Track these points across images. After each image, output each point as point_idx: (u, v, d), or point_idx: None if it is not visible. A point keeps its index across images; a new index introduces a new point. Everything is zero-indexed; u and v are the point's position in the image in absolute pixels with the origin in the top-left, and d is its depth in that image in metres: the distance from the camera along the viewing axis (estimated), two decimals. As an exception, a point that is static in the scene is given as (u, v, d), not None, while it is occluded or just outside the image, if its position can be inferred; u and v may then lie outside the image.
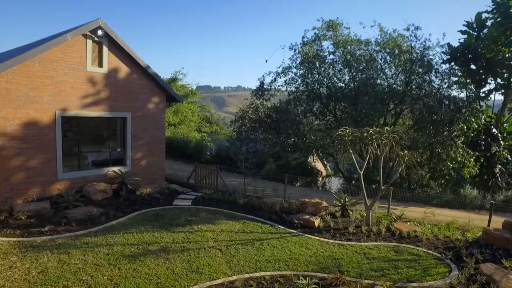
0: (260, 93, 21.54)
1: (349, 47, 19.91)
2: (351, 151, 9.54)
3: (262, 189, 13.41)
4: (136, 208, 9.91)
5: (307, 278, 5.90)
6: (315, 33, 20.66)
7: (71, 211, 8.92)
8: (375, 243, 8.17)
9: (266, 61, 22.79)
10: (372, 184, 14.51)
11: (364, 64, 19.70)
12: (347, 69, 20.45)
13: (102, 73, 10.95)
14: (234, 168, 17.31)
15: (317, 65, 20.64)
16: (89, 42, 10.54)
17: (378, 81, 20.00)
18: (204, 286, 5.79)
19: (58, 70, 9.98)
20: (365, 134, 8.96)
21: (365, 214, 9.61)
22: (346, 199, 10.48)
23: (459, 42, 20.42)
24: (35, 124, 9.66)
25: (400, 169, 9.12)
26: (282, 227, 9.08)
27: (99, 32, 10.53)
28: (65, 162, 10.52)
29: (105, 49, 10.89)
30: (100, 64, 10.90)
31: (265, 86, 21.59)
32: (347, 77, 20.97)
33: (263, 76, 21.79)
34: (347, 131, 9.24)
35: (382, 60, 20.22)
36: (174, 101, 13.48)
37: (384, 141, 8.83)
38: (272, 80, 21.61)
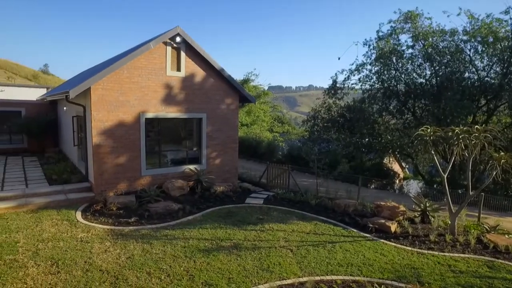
0: (332, 92, 21.02)
1: (430, 39, 18.29)
2: (432, 152, 8.72)
3: (334, 190, 13.05)
4: (210, 205, 10.37)
5: (382, 286, 5.58)
6: (391, 27, 19.49)
7: (152, 205, 9.68)
8: (462, 255, 7.36)
9: (339, 58, 22.17)
10: (458, 189, 13.17)
11: (448, 56, 17.96)
12: (428, 63, 18.87)
13: (180, 77, 11.68)
14: (306, 168, 17.16)
15: (394, 61, 19.41)
16: (169, 48, 11.33)
17: (466, 74, 18.03)
18: (274, 285, 5.82)
19: (143, 76, 10.92)
20: (450, 134, 8.12)
21: (449, 222, 8.73)
22: (427, 204, 9.66)
23: None
24: (123, 125, 10.71)
25: (494, 173, 8.07)
26: (355, 230, 8.72)
27: (178, 39, 11.26)
28: (148, 160, 11.47)
29: (182, 54, 11.61)
30: (178, 69, 11.64)
31: (337, 85, 21.00)
32: (428, 72, 19.36)
33: (335, 74, 21.26)
34: (428, 130, 8.49)
35: (472, 50, 18.12)
36: (247, 101, 13.81)
37: (473, 142, 7.90)
38: (345, 78, 20.95)
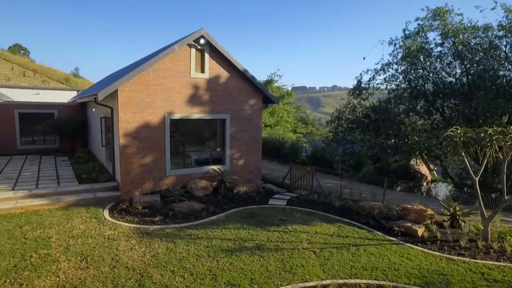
0: (357, 92, 20.64)
1: (461, 35, 17.55)
2: (463, 154, 8.37)
3: (359, 192, 12.82)
4: (233, 206, 10.43)
5: (409, 291, 5.41)
6: (418, 24, 18.88)
7: (176, 204, 9.84)
8: (496, 263, 7.01)
9: (364, 58, 21.71)
10: (491, 193, 12.60)
11: (481, 53, 17.18)
12: (458, 62, 18.15)
13: (204, 78, 11.82)
14: (330, 170, 16.94)
15: (422, 59, 18.80)
16: (193, 50, 11.49)
17: (501, 72, 17.16)
18: (296, 287, 5.78)
19: (168, 78, 11.13)
20: (482, 135, 7.77)
21: (481, 227, 8.36)
22: (457, 208, 9.29)
23: None
24: (148, 127, 10.95)
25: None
26: (380, 233, 8.51)
27: (202, 41, 11.40)
28: (172, 160, 11.67)
29: (206, 56, 11.75)
30: (202, 70, 11.79)
31: (362, 85, 20.60)
32: (458, 71, 18.61)
33: (360, 74, 20.85)
34: (458, 131, 8.17)
35: (508, 46, 17.17)
36: (270, 102, 13.80)
37: (508, 143, 7.54)
38: (370, 78, 20.50)
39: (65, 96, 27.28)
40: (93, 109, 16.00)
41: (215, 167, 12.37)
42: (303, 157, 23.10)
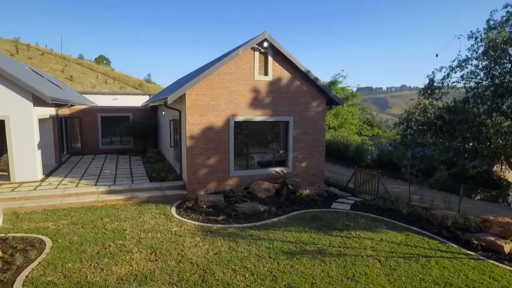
0: (429, 91, 19.16)
1: None
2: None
3: (429, 199, 11.87)
4: (295, 208, 10.33)
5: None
6: (507, 12, 16.80)
7: (239, 205, 10.03)
8: None
9: (437, 55, 20.08)
10: None
11: None
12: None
13: (267, 81, 11.93)
14: (397, 174, 15.97)
15: (510, 52, 16.76)
16: (257, 53, 11.66)
17: None
18: (360, 296, 5.52)
19: (232, 81, 11.43)
20: None
21: None
22: (552, 221, 8.11)
23: None
24: (213, 128, 11.35)
25: None
26: (455, 246, 7.76)
27: (265, 44, 11.52)
28: (236, 161, 11.94)
29: (270, 58, 11.84)
30: (266, 73, 11.90)
31: (435, 84, 19.07)
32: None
33: (432, 72, 19.31)
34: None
35: None
36: (334, 104, 13.45)
37: None
38: (444, 76, 18.87)
39: (139, 100, 29.57)
40: (163, 112, 17.06)
41: (277, 169, 12.39)
42: (368, 161, 22.14)
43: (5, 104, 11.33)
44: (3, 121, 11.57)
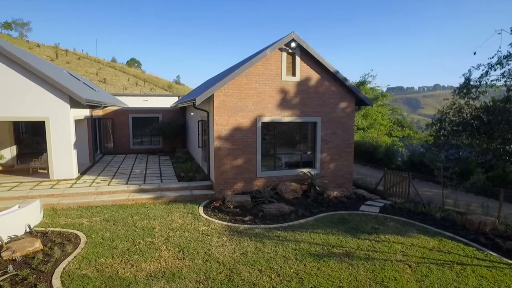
0: (464, 91, 18.33)
1: None
2: None
3: (465, 203, 11.38)
4: (323, 210, 10.21)
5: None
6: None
7: (266, 206, 10.04)
8: None
9: (475, 53, 19.19)
10: None
11: None
12: None
13: (295, 81, 11.86)
14: (429, 177, 15.40)
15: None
16: (284, 54, 11.63)
17: None
18: (389, 302, 5.37)
19: (260, 82, 11.47)
20: None
21: None
22: None
23: None
24: (241, 129, 11.42)
25: None
26: (494, 254, 7.37)
27: (293, 44, 11.46)
28: (263, 162, 11.96)
29: (297, 59, 11.77)
30: (293, 73, 11.84)
31: (471, 83, 18.24)
32: None
33: (469, 71, 18.46)
34: None
35: None
36: (363, 104, 13.18)
37: None
38: (482, 74, 17.99)
39: (168, 102, 30.26)
40: (192, 113, 17.37)
41: (305, 170, 12.30)
42: (398, 163, 21.49)
43: (45, 106, 11.94)
44: (43, 122, 12.21)
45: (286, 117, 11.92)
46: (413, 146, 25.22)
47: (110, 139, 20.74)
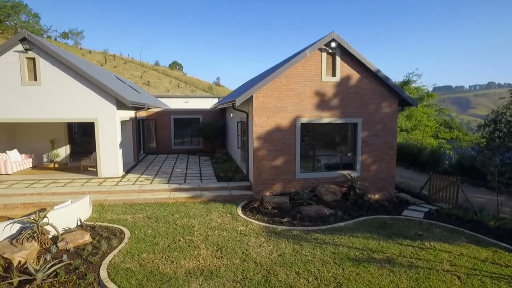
0: (524, 89, 17.00)
1: None
2: None
3: (523, 212, 10.51)
4: (363, 213, 9.91)
5: None
6: None
7: (304, 208, 9.92)
8: None
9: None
10: None
11: None
12: None
13: (335, 82, 11.63)
14: (481, 182, 14.48)
15: None
16: (324, 54, 11.44)
17: None
18: (435, 313, 5.08)
19: (299, 83, 11.37)
20: None
21: None
22: None
23: None
24: (280, 130, 11.39)
25: None
26: (554, 266, 6.75)
27: (333, 44, 11.25)
28: (302, 163, 11.84)
29: (337, 59, 11.53)
30: (333, 74, 11.62)
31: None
32: None
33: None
34: None
35: None
36: (407, 105, 12.63)
37: None
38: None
39: (208, 103, 30.93)
40: (231, 114, 17.62)
41: (345, 172, 12.01)
42: (446, 166, 20.32)
43: (95, 107, 12.69)
44: (93, 123, 12.98)
45: (325, 118, 11.72)
46: (462, 148, 23.75)
47: (153, 139, 21.59)
